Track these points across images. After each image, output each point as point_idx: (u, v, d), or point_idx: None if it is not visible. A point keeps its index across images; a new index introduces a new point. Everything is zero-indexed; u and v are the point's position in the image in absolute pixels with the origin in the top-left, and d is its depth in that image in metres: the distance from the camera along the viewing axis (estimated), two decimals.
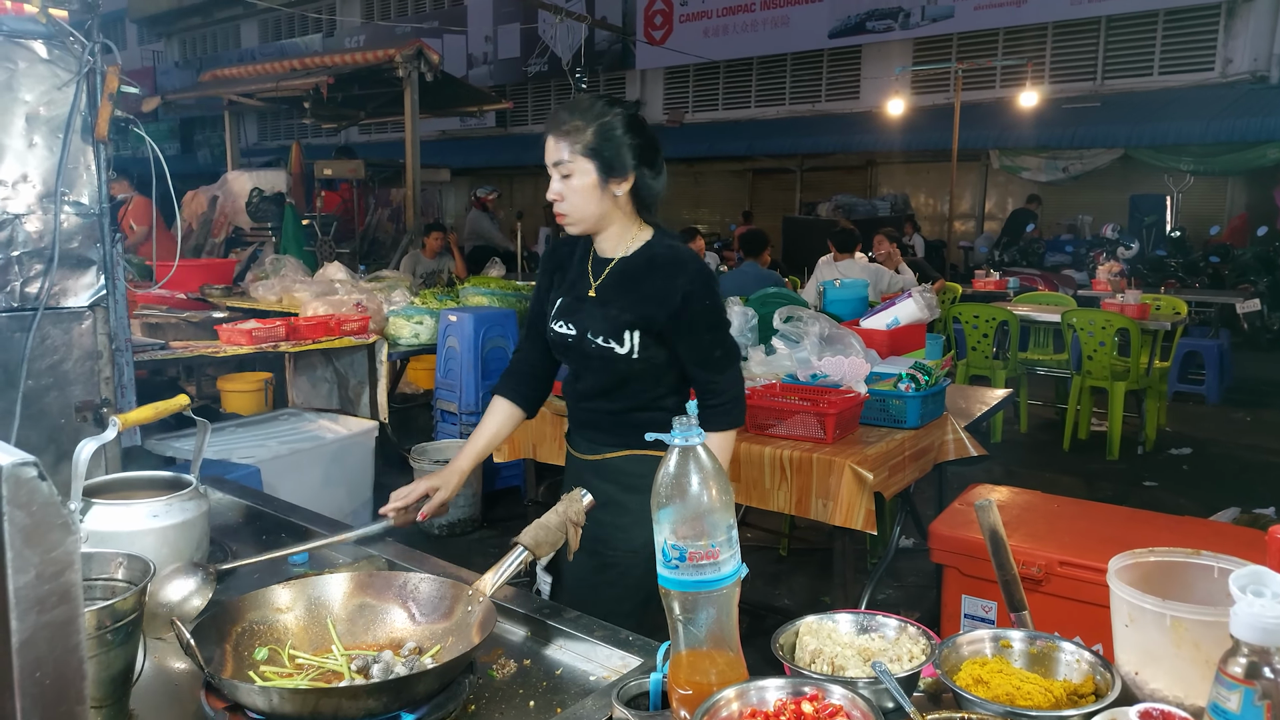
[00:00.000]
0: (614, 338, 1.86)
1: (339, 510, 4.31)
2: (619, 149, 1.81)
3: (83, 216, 2.72)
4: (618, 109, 1.83)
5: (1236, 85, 11.55)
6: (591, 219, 1.86)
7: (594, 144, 1.79)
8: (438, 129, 18.09)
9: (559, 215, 1.86)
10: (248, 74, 9.01)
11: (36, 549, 0.66)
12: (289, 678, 1.22)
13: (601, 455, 1.97)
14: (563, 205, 1.84)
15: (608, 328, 1.86)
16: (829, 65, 15.03)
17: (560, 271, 2.02)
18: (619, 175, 1.83)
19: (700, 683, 1.09)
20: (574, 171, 1.81)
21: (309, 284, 5.78)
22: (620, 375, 1.88)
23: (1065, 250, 11.87)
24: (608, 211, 1.86)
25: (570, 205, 1.84)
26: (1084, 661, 1.11)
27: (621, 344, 1.85)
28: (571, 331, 1.92)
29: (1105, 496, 5.24)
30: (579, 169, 1.80)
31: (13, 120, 2.56)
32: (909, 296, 3.55)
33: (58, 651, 0.67)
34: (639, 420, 1.87)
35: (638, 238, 1.91)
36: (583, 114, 1.80)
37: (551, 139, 1.82)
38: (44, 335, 2.65)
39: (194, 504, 1.60)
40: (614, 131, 1.80)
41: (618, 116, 1.82)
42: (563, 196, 1.83)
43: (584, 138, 1.79)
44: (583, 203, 1.83)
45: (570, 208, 1.84)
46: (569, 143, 1.79)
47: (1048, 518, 2.71)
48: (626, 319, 1.85)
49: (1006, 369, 6.39)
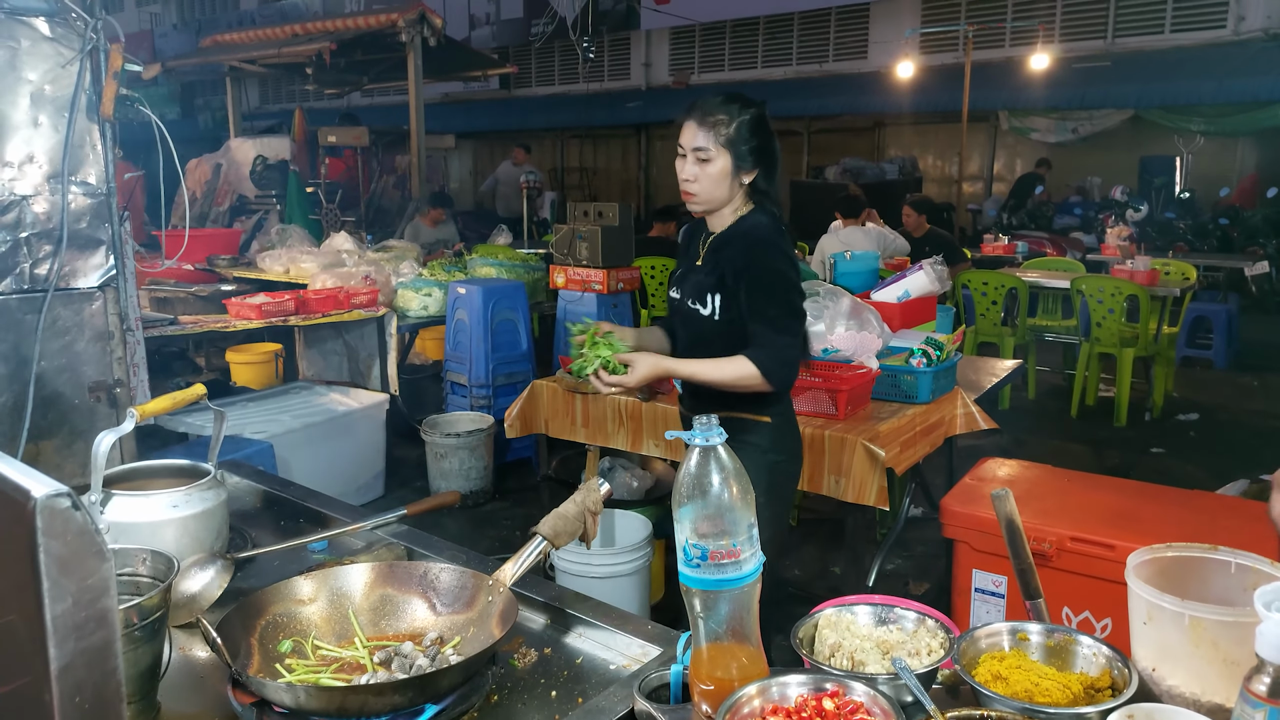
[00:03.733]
0: (699, 300, 2.10)
1: (352, 482, 4.35)
2: (753, 145, 2.04)
3: (90, 196, 2.71)
4: (753, 108, 2.05)
5: (1249, 43, 11.35)
6: (717, 202, 2.09)
7: (734, 137, 2.02)
8: (440, 92, 17.87)
9: (688, 195, 2.07)
10: (249, 40, 8.91)
11: (72, 577, 0.66)
12: (313, 673, 1.24)
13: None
14: (695, 186, 2.05)
15: (695, 291, 2.12)
16: (836, 25, 14.79)
17: (687, 248, 2.28)
18: (748, 168, 2.06)
19: (722, 678, 1.10)
20: (713, 158, 2.02)
21: (316, 255, 5.77)
22: (705, 335, 2.11)
23: (1074, 213, 11.76)
24: (730, 196, 2.09)
25: (702, 187, 2.05)
26: (1101, 655, 1.12)
27: (705, 305, 2.09)
28: (677, 295, 2.20)
29: (1113, 464, 5.26)
30: (717, 157, 2.02)
31: (17, 100, 2.54)
32: (920, 269, 3.53)
33: (96, 676, 0.68)
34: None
35: (739, 214, 2.12)
36: (726, 110, 2.02)
37: (695, 126, 2.03)
38: (55, 317, 2.65)
39: (213, 493, 1.61)
40: (750, 128, 2.03)
41: (752, 115, 2.04)
42: (697, 179, 2.05)
43: (727, 131, 2.01)
44: (713, 186, 2.05)
45: (701, 189, 2.05)
46: (714, 133, 2.01)
47: (1057, 492, 2.71)
48: (710, 282, 2.09)
49: (1015, 336, 6.38)
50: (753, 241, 2.07)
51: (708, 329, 2.11)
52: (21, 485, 0.65)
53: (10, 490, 0.65)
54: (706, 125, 2.02)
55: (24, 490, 0.64)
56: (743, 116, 2.03)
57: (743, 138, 2.03)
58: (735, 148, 2.03)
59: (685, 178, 2.06)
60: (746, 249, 2.06)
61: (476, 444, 4.50)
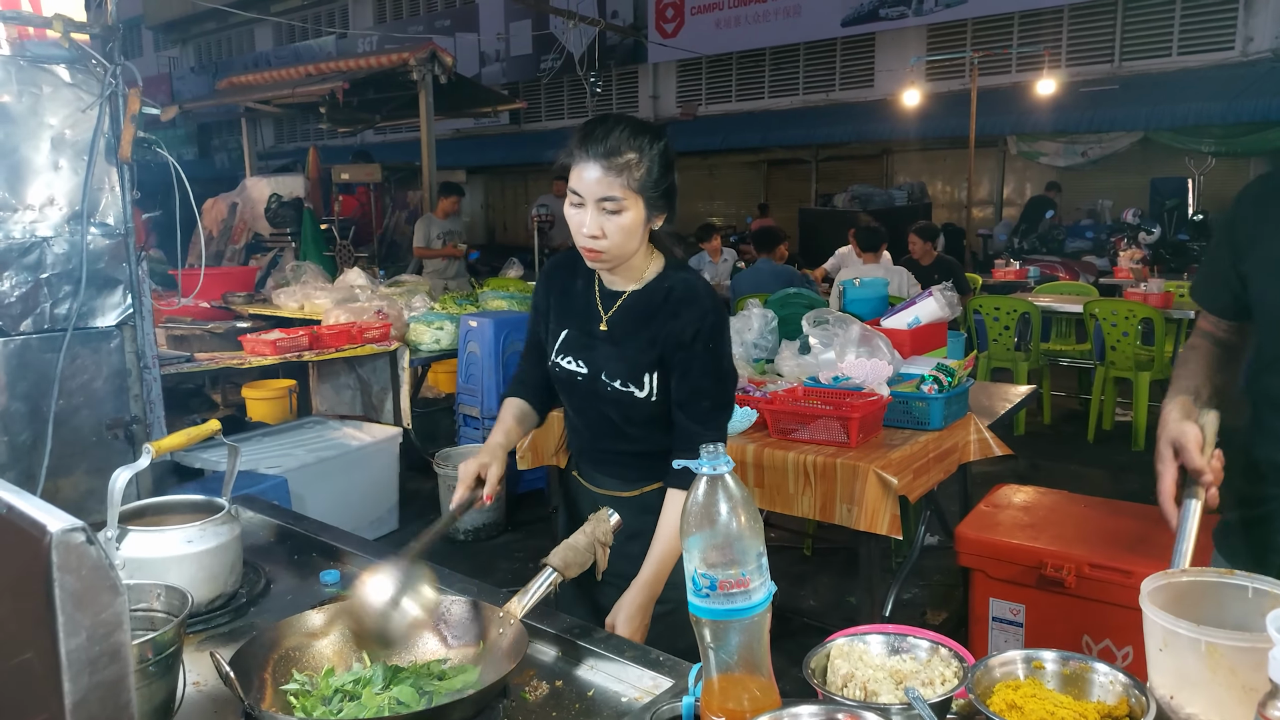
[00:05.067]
0: (633, 381, 1.73)
1: (366, 516, 4.36)
2: (664, 186, 1.67)
3: (109, 237, 2.76)
4: (663, 140, 1.67)
5: (1258, 64, 11.38)
6: (626, 256, 1.69)
7: (646, 180, 1.63)
8: (452, 128, 18.12)
9: (592, 252, 1.66)
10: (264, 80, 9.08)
11: (87, 612, 0.67)
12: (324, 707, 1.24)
13: (634, 491, 1.82)
14: (603, 243, 1.64)
15: (625, 370, 1.73)
16: (842, 54, 14.94)
17: (562, 296, 1.85)
18: (660, 211, 1.69)
19: (734, 709, 1.10)
20: (624, 208, 1.62)
21: (330, 290, 5.83)
22: (639, 417, 1.75)
23: (1086, 236, 11.75)
24: (639, 247, 1.70)
25: (613, 243, 1.64)
26: (1118, 683, 1.10)
27: (641, 387, 1.72)
28: (583, 370, 1.77)
29: (1131, 488, 5.20)
30: (630, 206, 1.62)
31: (39, 144, 2.60)
32: (929, 295, 3.54)
33: (110, 710, 0.69)
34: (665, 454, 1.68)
35: (651, 268, 1.76)
36: (637, 147, 1.62)
37: (601, 171, 1.60)
38: (74, 355, 2.69)
39: (227, 528, 1.62)
40: (662, 166, 1.65)
41: (662, 149, 1.66)
42: (604, 234, 1.63)
43: (639, 173, 1.61)
44: (625, 240, 1.65)
45: (612, 245, 1.64)
46: (624, 178, 1.60)
47: (1075, 518, 2.69)
48: (645, 361, 1.72)
49: (1029, 361, 6.35)
50: (704, 313, 1.70)
51: (643, 411, 1.74)
52: (37, 520, 0.66)
53: (26, 525, 0.67)
54: (614, 169, 1.59)
55: (40, 525, 0.65)
56: (653, 152, 1.63)
57: (653, 180, 1.64)
58: (647, 193, 1.63)
59: (590, 233, 1.63)
60: (698, 321, 1.69)
61: None
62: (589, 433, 1.85)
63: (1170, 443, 1.46)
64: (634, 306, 1.75)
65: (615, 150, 1.60)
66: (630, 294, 1.76)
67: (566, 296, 1.84)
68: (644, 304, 1.74)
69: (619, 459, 1.83)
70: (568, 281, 1.85)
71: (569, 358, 1.80)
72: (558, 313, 1.84)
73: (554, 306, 1.85)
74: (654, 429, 1.76)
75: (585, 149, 1.61)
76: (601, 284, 1.79)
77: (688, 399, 1.71)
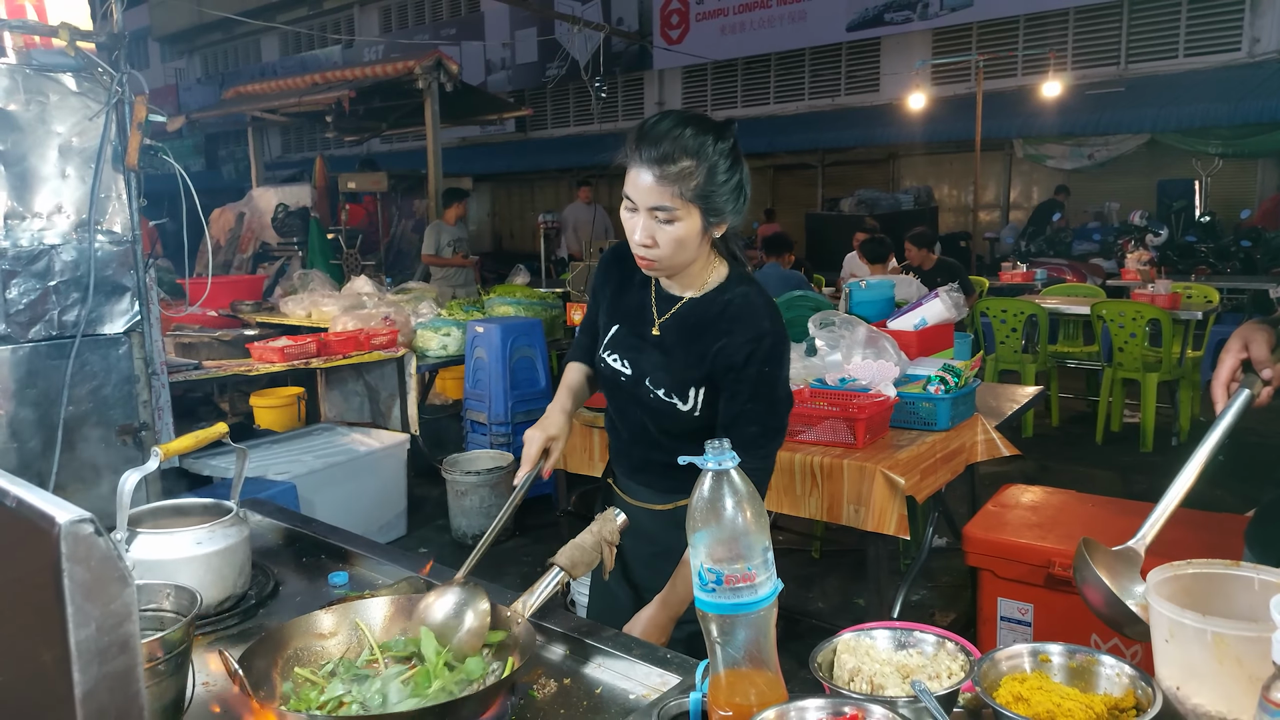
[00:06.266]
0: (677, 393, 1.64)
1: (375, 521, 4.37)
2: (726, 190, 1.54)
3: (116, 244, 2.78)
4: (727, 140, 1.53)
5: (1265, 65, 11.35)
6: (681, 266, 1.60)
7: (704, 189, 1.50)
8: (458, 135, 18.20)
9: (644, 260, 1.58)
10: (270, 90, 9.13)
11: (96, 603, 0.68)
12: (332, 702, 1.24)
13: (667, 505, 1.76)
14: (655, 252, 1.54)
15: (671, 380, 1.65)
16: (847, 59, 14.95)
17: (618, 291, 1.77)
18: (721, 219, 1.57)
19: (740, 704, 1.10)
20: (677, 219, 1.51)
21: (337, 298, 5.85)
22: (678, 430, 1.67)
23: (1093, 239, 11.72)
24: (699, 255, 1.60)
25: (664, 253, 1.54)
26: (1124, 675, 1.10)
27: (685, 400, 1.64)
28: (627, 371, 1.71)
29: (1140, 489, 5.18)
30: (684, 216, 1.51)
31: (46, 153, 2.62)
32: (935, 296, 3.54)
33: (119, 700, 0.69)
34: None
35: (713, 277, 1.66)
36: (694, 151, 1.49)
37: (654, 179, 1.49)
38: (83, 362, 2.71)
39: (236, 530, 1.63)
40: (722, 170, 1.52)
41: (725, 151, 1.52)
42: (656, 242, 1.53)
43: (694, 182, 1.49)
44: (678, 251, 1.55)
45: (664, 254, 1.55)
46: (677, 187, 1.49)
47: (1083, 518, 2.69)
48: (692, 376, 1.63)
49: (1036, 363, 6.33)
50: (760, 336, 1.59)
51: (686, 424, 1.66)
52: (46, 512, 0.67)
53: (35, 517, 0.67)
54: (667, 178, 1.48)
55: (48, 517, 0.66)
56: (714, 157, 1.50)
57: (714, 186, 1.51)
58: (708, 200, 1.52)
59: (640, 240, 1.54)
60: (753, 344, 1.59)
61: (496, 481, 4.52)
62: (627, 434, 1.79)
63: (1241, 337, 1.43)
64: (689, 315, 1.67)
65: (669, 158, 1.49)
66: (687, 301, 1.67)
67: (622, 292, 1.76)
68: (699, 314, 1.65)
69: (652, 468, 1.77)
70: (626, 276, 1.76)
71: (616, 356, 1.73)
72: (611, 307, 1.77)
73: (609, 300, 1.78)
74: (692, 443, 1.54)
75: (639, 152, 1.51)
76: (659, 285, 1.72)
77: (733, 422, 1.61)
